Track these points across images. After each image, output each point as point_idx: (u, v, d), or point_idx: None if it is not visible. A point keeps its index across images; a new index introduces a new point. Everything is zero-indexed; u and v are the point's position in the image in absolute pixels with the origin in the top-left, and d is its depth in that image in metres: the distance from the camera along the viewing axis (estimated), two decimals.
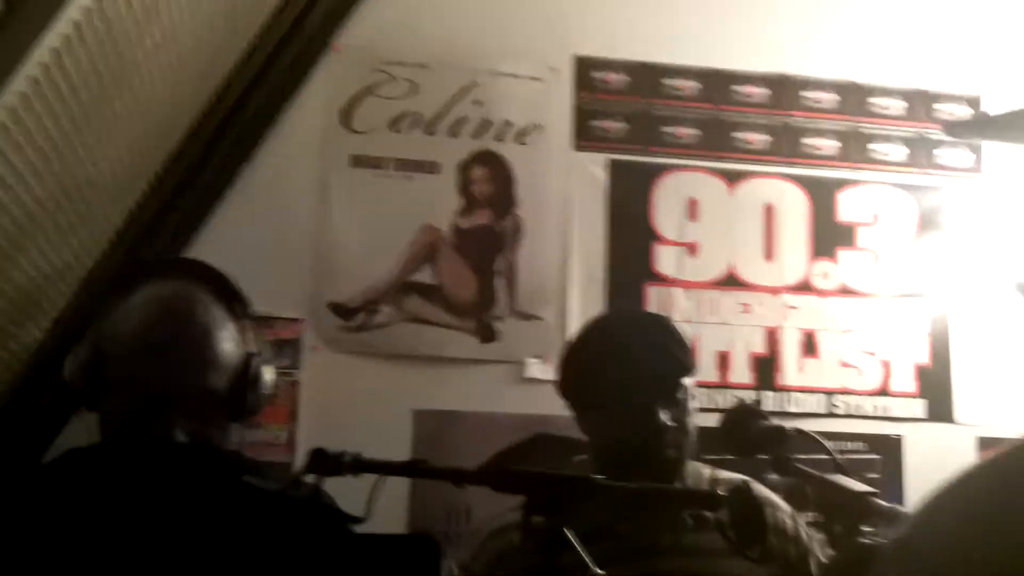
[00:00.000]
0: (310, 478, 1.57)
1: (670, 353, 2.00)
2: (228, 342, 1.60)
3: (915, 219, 3.97)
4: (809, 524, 2.18)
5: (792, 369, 3.79)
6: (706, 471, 2.11)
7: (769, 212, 3.89)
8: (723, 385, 3.73)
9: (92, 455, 1.63)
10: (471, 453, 3.29)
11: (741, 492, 1.83)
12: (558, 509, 1.51)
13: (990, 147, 4.03)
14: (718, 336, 3.76)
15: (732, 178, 3.89)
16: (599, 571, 1.50)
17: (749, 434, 1.94)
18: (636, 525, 1.99)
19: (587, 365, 2.04)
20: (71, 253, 3.00)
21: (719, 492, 1.68)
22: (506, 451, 3.13)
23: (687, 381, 2.01)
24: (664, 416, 1.94)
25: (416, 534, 2.92)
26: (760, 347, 3.79)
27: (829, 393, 3.80)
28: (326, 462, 1.56)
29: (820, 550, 2.10)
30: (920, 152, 4.03)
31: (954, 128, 3.91)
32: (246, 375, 1.59)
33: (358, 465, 1.57)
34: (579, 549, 1.51)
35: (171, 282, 1.63)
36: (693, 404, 2.03)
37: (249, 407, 1.61)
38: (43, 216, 2.66)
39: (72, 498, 1.57)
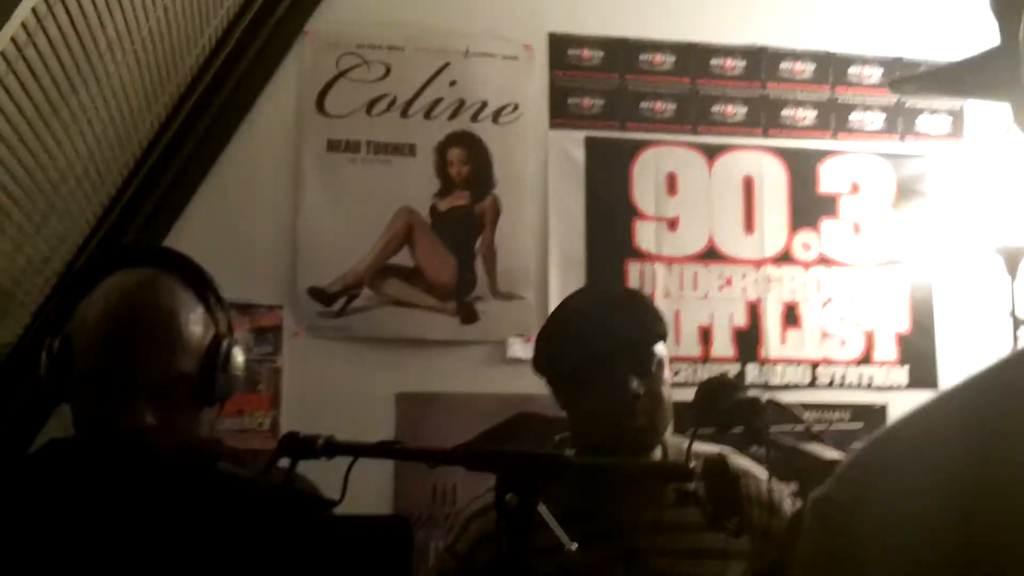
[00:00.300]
0: (284, 462, 1.56)
1: (640, 322, 2.00)
2: (196, 325, 1.58)
3: (896, 187, 3.97)
4: (793, 495, 2.18)
5: (775, 341, 3.79)
6: (685, 444, 2.10)
7: (748, 185, 3.89)
8: (706, 359, 3.73)
9: (71, 446, 1.62)
10: (455, 434, 3.27)
11: (716, 465, 1.83)
12: (530, 487, 1.50)
13: (971, 112, 4.03)
14: (700, 310, 3.77)
15: (710, 152, 3.88)
16: (573, 548, 1.50)
17: (724, 406, 1.93)
18: (617, 503, 1.99)
19: (559, 339, 2.04)
20: (47, 246, 2.99)
21: (691, 465, 1.68)
22: (488, 431, 3.13)
23: (659, 350, 2.01)
24: (635, 384, 1.94)
25: (388, 515, 2.91)
26: (742, 320, 3.79)
27: (812, 364, 3.81)
28: (299, 446, 1.55)
29: None
30: (899, 120, 4.02)
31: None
32: (215, 358, 1.58)
33: (331, 448, 1.56)
34: (552, 526, 1.50)
35: (137, 270, 1.61)
36: (667, 374, 2.02)
37: (220, 391, 1.60)
38: (15, 209, 2.65)
39: (51, 490, 1.57)
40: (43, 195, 2.75)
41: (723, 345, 3.77)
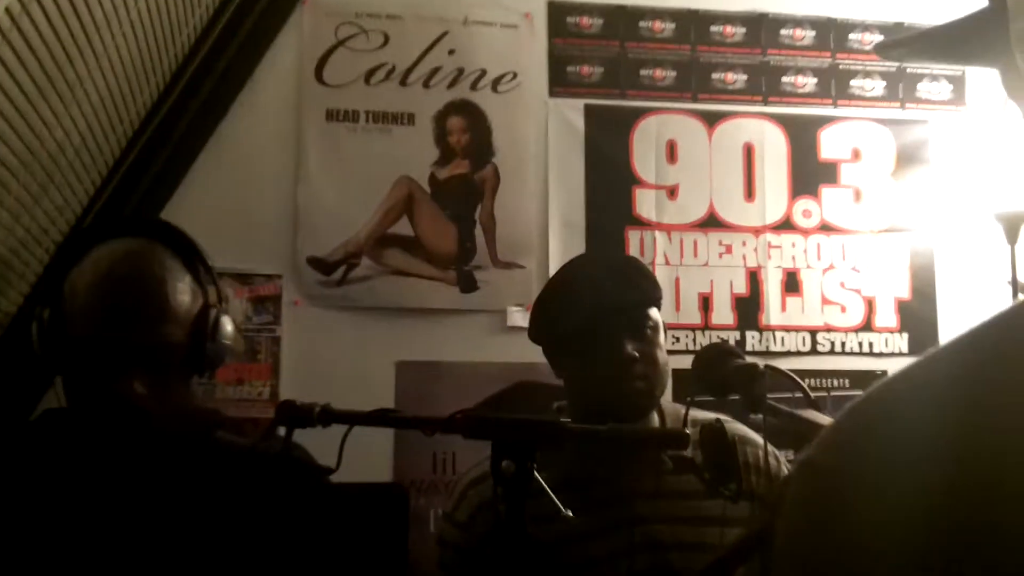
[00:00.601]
0: (281, 431, 1.57)
1: (634, 286, 1.99)
2: (184, 295, 1.59)
3: (896, 154, 3.95)
4: (791, 461, 2.18)
5: (775, 308, 3.79)
6: (682, 411, 2.10)
7: (749, 152, 3.87)
8: (706, 327, 3.73)
9: (67, 416, 1.63)
10: (455, 403, 3.23)
11: (714, 431, 1.83)
12: (525, 453, 1.50)
13: (972, 78, 4.01)
14: (700, 278, 3.77)
15: (711, 119, 3.87)
16: (569, 515, 1.50)
17: (722, 373, 1.93)
18: (616, 470, 1.99)
19: (553, 305, 2.04)
20: (45, 217, 2.99)
21: (687, 431, 1.68)
22: (488, 400, 3.14)
23: (655, 314, 2.00)
24: (630, 347, 1.93)
25: (385, 482, 2.93)
26: (742, 287, 3.79)
27: (812, 331, 3.81)
28: (296, 414, 1.56)
29: None
30: (901, 86, 4.01)
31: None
32: (204, 327, 1.59)
33: (327, 416, 1.57)
34: (548, 493, 1.51)
35: (126, 240, 1.62)
36: (663, 338, 2.02)
37: (209, 359, 1.61)
38: (12, 181, 2.64)
39: (50, 459, 1.58)
40: (41, 166, 2.75)
41: (723, 312, 3.77)
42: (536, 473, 1.50)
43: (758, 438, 2.10)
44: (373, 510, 1.48)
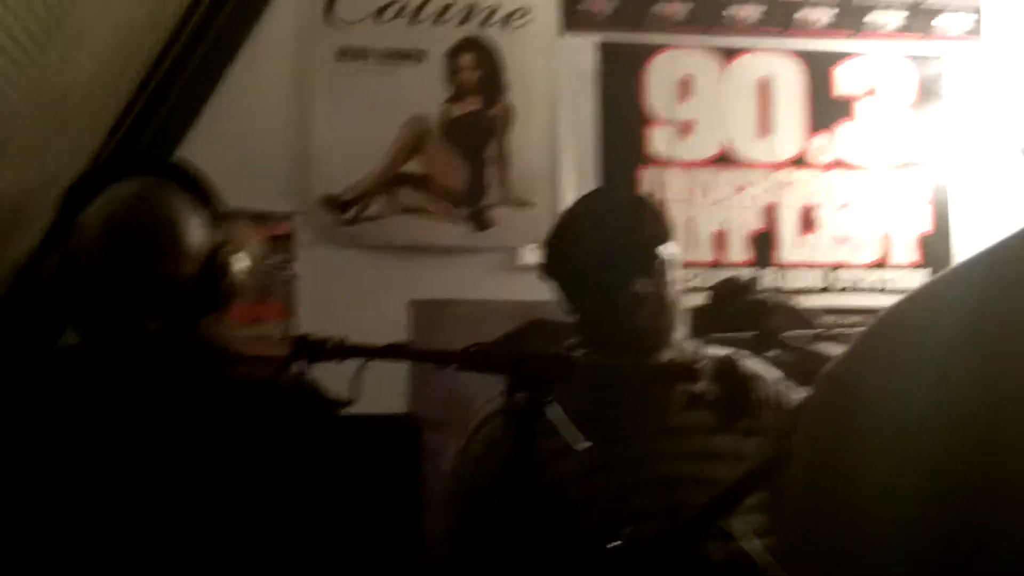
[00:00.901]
0: (296, 366, 1.58)
1: (643, 224, 1.99)
2: (195, 234, 1.60)
3: (914, 88, 3.90)
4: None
5: (789, 245, 3.77)
6: (693, 347, 2.10)
7: (763, 88, 3.83)
8: (720, 264, 3.71)
9: (79, 354, 1.64)
10: (467, 342, 3.27)
11: (725, 366, 1.83)
12: (538, 387, 1.51)
13: (992, 10, 3.94)
14: (714, 215, 3.74)
15: (725, 55, 3.82)
16: (582, 448, 1.51)
17: (736, 309, 1.93)
18: (626, 405, 2.00)
19: (563, 242, 2.04)
20: (55, 163, 2.98)
21: (698, 366, 1.68)
22: (502, 338, 3.14)
23: (665, 252, 2.00)
24: (640, 285, 1.93)
25: (398, 414, 2.94)
26: (757, 224, 3.76)
27: (828, 268, 3.78)
28: (310, 349, 1.57)
29: None
30: (918, 19, 3.94)
31: None
32: (215, 265, 1.59)
33: (342, 350, 1.58)
34: (563, 427, 1.52)
35: (135, 180, 1.62)
36: (674, 276, 2.01)
37: (221, 296, 1.62)
38: (21, 126, 2.64)
39: (61, 396, 1.59)
40: (50, 111, 2.74)
41: (738, 250, 3.74)
42: (549, 407, 1.51)
43: (771, 373, 2.10)
44: (385, 442, 1.49)
